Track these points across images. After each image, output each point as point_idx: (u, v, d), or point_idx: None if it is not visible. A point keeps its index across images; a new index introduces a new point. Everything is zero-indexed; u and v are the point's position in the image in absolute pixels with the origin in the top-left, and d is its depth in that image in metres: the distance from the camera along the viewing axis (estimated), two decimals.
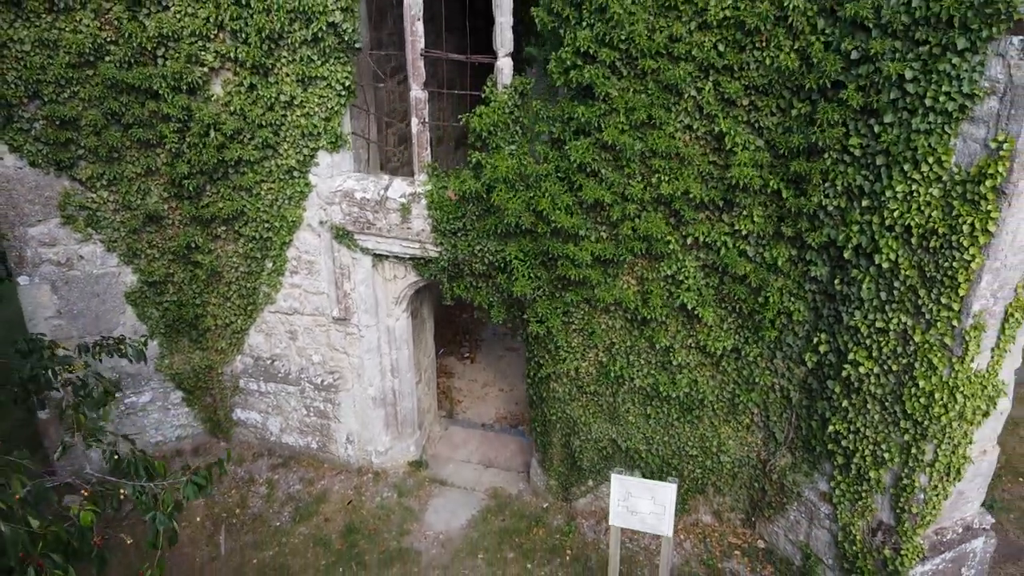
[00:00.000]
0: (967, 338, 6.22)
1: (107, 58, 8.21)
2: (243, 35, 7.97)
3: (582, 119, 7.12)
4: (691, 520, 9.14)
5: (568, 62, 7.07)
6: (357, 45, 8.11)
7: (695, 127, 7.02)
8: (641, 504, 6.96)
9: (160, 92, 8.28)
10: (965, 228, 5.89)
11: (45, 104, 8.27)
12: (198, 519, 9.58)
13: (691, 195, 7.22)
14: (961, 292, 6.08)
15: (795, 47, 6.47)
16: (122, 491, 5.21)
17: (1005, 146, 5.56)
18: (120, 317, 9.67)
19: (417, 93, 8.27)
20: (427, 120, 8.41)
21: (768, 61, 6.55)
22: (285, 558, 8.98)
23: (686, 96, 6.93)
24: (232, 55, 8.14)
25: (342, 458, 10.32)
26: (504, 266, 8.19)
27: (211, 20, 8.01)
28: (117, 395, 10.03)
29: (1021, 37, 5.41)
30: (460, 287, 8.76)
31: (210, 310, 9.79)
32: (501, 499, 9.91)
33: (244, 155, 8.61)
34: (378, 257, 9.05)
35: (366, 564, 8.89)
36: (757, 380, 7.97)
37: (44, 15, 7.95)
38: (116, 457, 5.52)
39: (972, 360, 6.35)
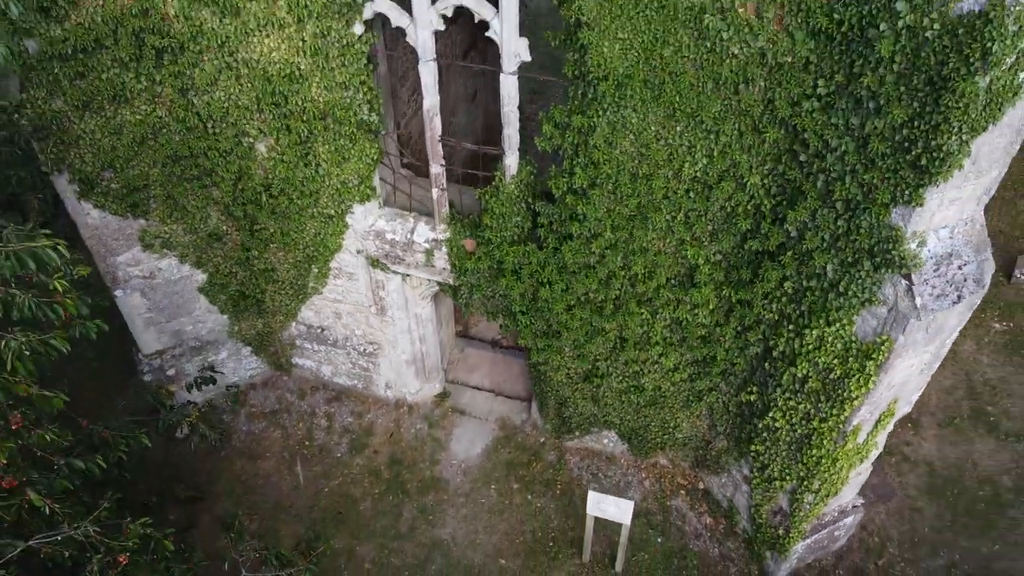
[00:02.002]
0: (848, 434, 8.53)
1: (164, 131, 9.44)
2: (284, 125, 9.15)
3: (575, 232, 8.71)
4: (651, 462, 12.08)
5: (565, 187, 8.50)
6: (382, 132, 9.30)
7: (666, 247, 8.65)
8: (609, 508, 9.79)
9: (212, 158, 9.64)
10: (852, 381, 7.92)
11: (118, 173, 9.68)
12: (278, 450, 12.57)
13: (660, 293, 9.03)
14: (846, 413, 8.27)
15: (748, 211, 7.94)
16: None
17: (887, 344, 7.42)
18: (195, 303, 11.78)
19: (436, 169, 9.59)
20: (444, 188, 9.82)
21: (728, 212, 8.05)
22: (348, 487, 12.10)
23: (662, 224, 8.47)
24: (275, 136, 9.36)
25: (382, 396, 13.05)
26: (511, 314, 10.19)
27: (253, 106, 9.12)
28: (200, 355, 12.54)
29: (908, 282, 7.02)
30: (478, 309, 10.78)
31: (267, 296, 11.83)
32: (508, 429, 12.79)
33: (288, 206, 10.12)
34: (407, 275, 10.94)
35: (408, 492, 12.02)
36: (704, 397, 10.35)
37: (107, 106, 9.08)
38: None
39: (851, 444, 8.72)
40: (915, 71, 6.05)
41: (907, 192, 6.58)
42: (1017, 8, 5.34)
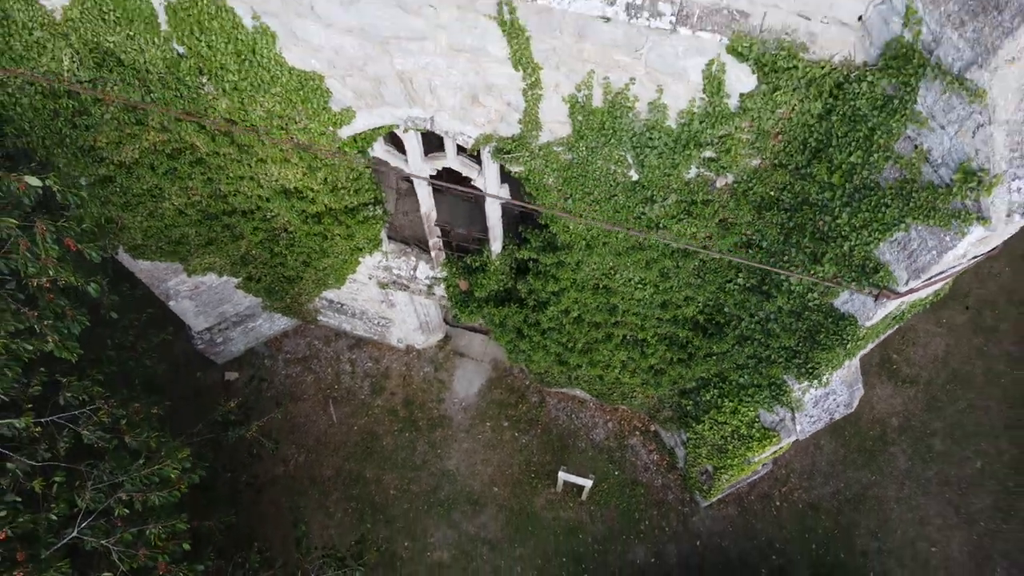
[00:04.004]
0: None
1: (197, 208, 11.01)
2: (301, 214, 10.71)
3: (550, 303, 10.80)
4: (614, 408, 15.04)
5: (541, 288, 10.44)
6: (387, 220, 10.88)
7: (629, 357, 10.79)
8: (574, 477, 12.93)
9: (239, 223, 11.30)
10: (755, 442, 10.53)
11: (161, 239, 11.38)
12: (312, 392, 15.49)
13: (617, 351, 11.30)
14: (752, 452, 10.99)
15: (687, 323, 10.01)
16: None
17: (777, 437, 9.93)
18: (234, 296, 13.94)
19: (435, 240, 11.29)
20: (441, 248, 11.56)
21: (670, 319, 10.13)
22: (372, 425, 15.21)
23: (619, 317, 10.52)
24: (292, 219, 10.92)
25: (395, 345, 15.66)
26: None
27: (274, 200, 10.62)
28: (241, 324, 14.91)
29: (792, 413, 9.34)
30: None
31: (293, 286, 13.92)
32: (499, 370, 15.60)
33: (308, 255, 11.91)
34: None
35: (420, 429, 15.16)
36: (655, 391, 12.99)
37: (148, 203, 10.58)
38: None
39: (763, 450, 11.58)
40: (799, 321, 7.91)
41: (796, 368, 8.70)
42: (869, 324, 7.17)
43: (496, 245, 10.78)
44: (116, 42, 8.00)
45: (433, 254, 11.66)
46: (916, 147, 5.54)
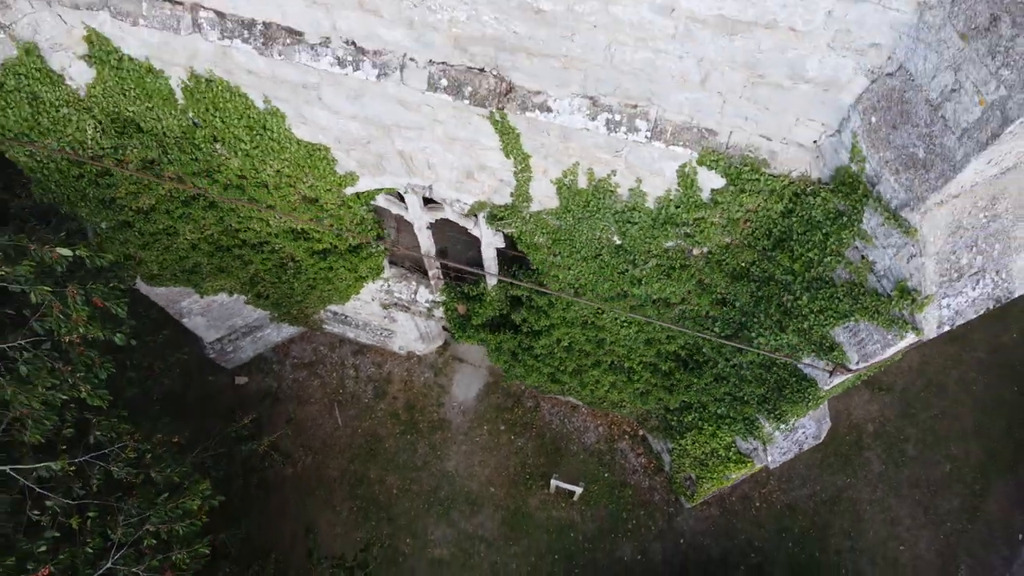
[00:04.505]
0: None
1: (209, 241, 11.66)
2: (307, 250, 11.37)
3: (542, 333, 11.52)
4: (604, 413, 15.86)
5: (534, 320, 11.14)
6: (388, 253, 11.53)
7: (617, 379, 11.52)
8: (565, 484, 13.79)
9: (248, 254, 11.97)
10: (732, 465, 11.34)
11: (176, 269, 12.06)
12: (319, 396, 16.30)
13: (604, 375, 12.05)
14: (730, 471, 11.81)
15: (669, 357, 10.75)
16: None
17: (751, 463, 10.72)
18: (243, 310, 14.65)
19: (433, 270, 11.95)
20: (440, 277, 12.23)
21: (654, 353, 10.87)
22: (375, 427, 16.05)
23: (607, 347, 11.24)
24: (298, 253, 11.58)
25: (397, 351, 16.42)
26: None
27: (281, 236, 11.26)
28: (250, 334, 15.65)
29: (764, 446, 10.12)
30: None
31: (300, 303, 14.63)
32: (496, 375, 16.37)
33: (314, 280, 12.59)
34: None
35: (421, 431, 16.00)
36: (643, 406, 13.78)
37: (163, 239, 11.22)
38: None
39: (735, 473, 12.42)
40: (768, 373, 8.64)
41: (766, 412, 9.45)
42: (827, 388, 7.90)
43: (492, 280, 11.44)
44: (136, 112, 8.58)
45: (432, 282, 12.34)
46: (863, 257, 6.20)
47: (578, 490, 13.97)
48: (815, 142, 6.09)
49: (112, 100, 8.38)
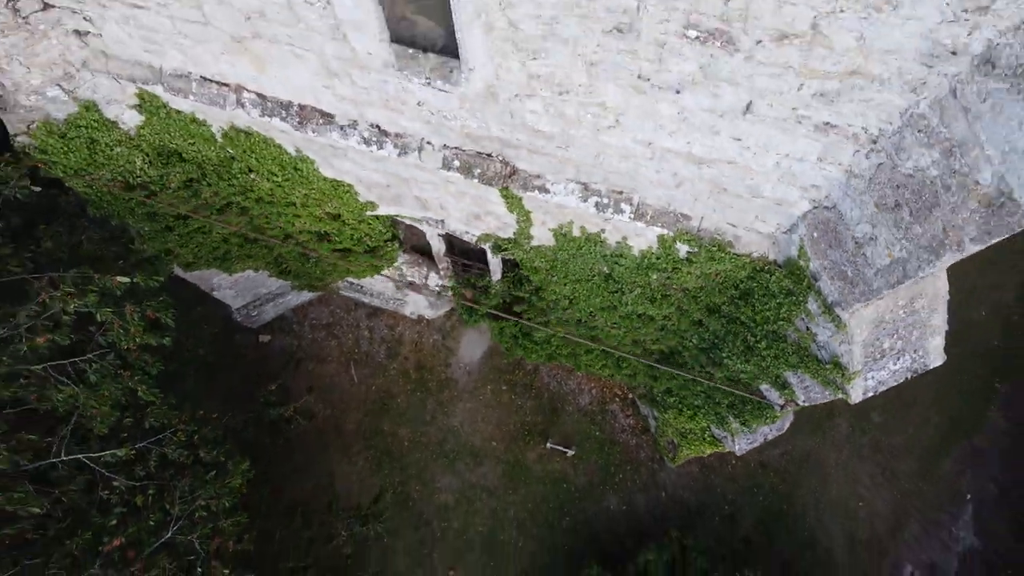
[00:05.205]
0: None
1: (239, 235, 12.78)
2: (330, 248, 12.51)
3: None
4: (597, 377, 17.27)
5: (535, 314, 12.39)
6: (403, 248, 12.65)
7: (607, 363, 12.81)
8: (561, 447, 15.34)
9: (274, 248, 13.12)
10: (707, 443, 12.79)
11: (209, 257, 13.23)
12: (336, 355, 17.72)
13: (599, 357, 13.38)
14: (706, 449, 13.28)
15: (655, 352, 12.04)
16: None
17: (721, 445, 12.17)
18: (268, 281, 15.87)
19: (442, 264, 13.09)
20: (449, 268, 13.39)
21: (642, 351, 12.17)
22: (388, 385, 17.53)
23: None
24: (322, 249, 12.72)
25: (408, 315, 17.73)
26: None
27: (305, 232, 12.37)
28: (273, 300, 16.93)
29: (732, 437, 11.52)
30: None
31: (320, 278, 15.83)
32: None
33: (335, 268, 13.76)
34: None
35: (430, 389, 17.50)
36: (631, 382, 15.15)
37: (198, 237, 12.35)
38: None
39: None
40: (736, 386, 9.93)
41: (734, 416, 10.79)
42: (782, 413, 9.21)
43: (496, 275, 12.61)
44: (179, 145, 9.57)
45: (442, 270, 13.50)
46: (808, 329, 7.37)
47: (570, 452, 15.54)
48: (772, 233, 7.15)
49: (158, 137, 9.36)
